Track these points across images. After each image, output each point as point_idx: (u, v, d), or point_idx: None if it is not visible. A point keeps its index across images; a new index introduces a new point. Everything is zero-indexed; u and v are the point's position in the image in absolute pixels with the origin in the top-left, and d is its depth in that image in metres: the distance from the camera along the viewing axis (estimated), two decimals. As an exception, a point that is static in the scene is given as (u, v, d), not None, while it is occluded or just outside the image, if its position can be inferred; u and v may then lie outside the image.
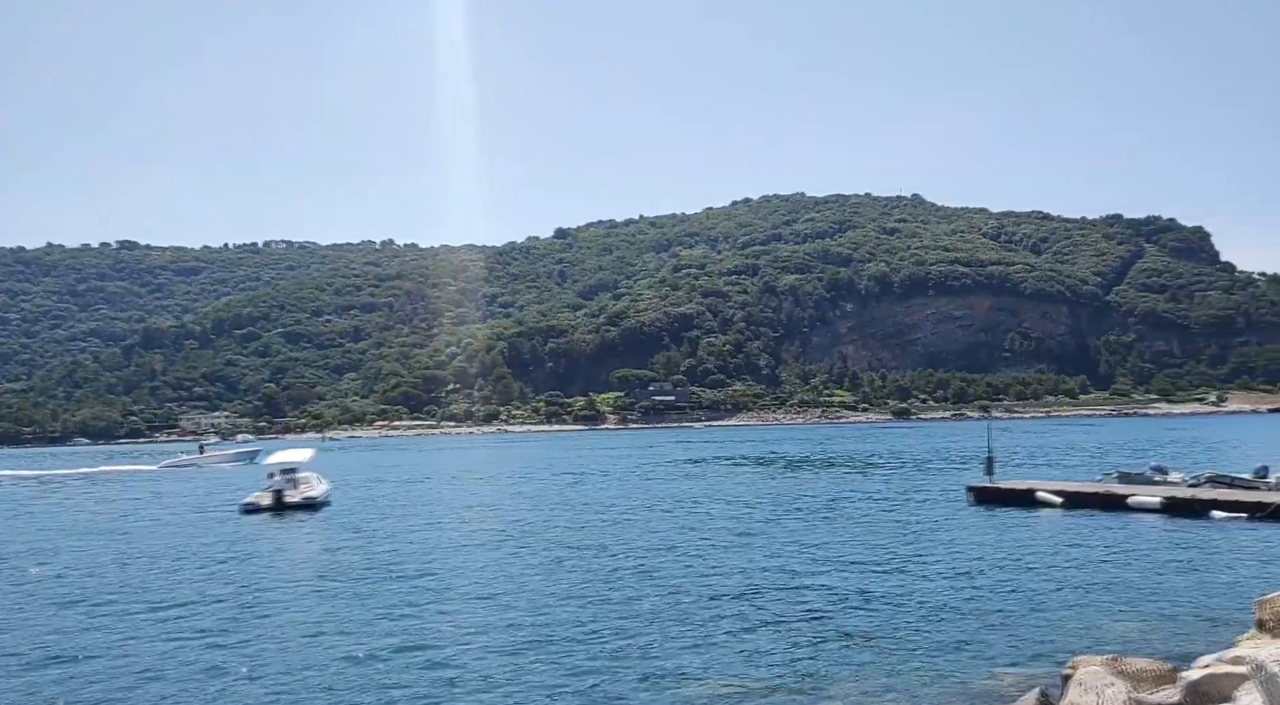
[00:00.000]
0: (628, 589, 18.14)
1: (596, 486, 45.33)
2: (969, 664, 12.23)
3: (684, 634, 14.30)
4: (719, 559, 21.65)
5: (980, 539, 23.72)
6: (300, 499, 36.88)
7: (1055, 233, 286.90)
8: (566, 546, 24.49)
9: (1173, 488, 29.28)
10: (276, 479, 37.84)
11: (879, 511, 30.79)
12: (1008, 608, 15.50)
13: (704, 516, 30.89)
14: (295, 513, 35.61)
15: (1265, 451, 56.17)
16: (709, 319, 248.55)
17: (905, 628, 14.29)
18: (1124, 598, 16.08)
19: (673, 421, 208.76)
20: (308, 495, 37.45)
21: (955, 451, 70.04)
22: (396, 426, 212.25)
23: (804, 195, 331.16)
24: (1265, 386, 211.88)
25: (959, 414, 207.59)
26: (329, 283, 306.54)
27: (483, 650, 13.81)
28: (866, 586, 17.64)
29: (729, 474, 52.66)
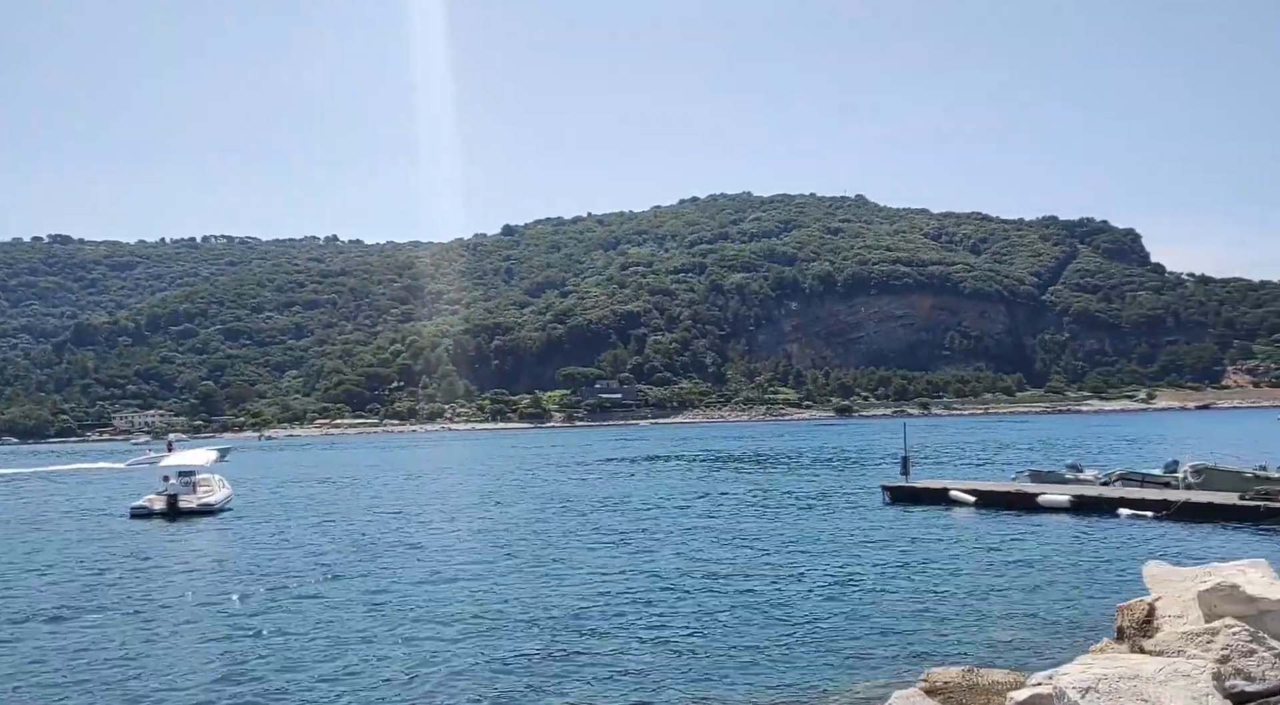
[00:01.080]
0: (514, 599, 17.92)
1: (510, 488, 44.96)
2: (835, 675, 12.07)
3: (536, 653, 13.83)
4: (599, 564, 21.59)
5: (888, 540, 24.03)
6: (196, 504, 35.23)
7: (994, 233, 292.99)
8: (449, 550, 24.24)
9: (1083, 486, 29.97)
10: (172, 483, 36.09)
11: (795, 511, 31.05)
12: (897, 612, 15.62)
13: (610, 519, 30.83)
14: (190, 518, 34.04)
15: (1185, 447, 58.04)
16: (656, 317, 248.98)
17: (787, 638, 14.14)
18: (1015, 600, 16.31)
19: (619, 419, 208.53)
20: (205, 500, 35.77)
21: (886, 449, 70.98)
22: (338, 425, 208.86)
23: (750, 195, 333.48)
24: (1192, 384, 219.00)
25: (900, 411, 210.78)
26: (270, 279, 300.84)
27: (342, 666, 13.45)
28: (757, 592, 17.59)
29: (654, 473, 52.71)
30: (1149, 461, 40.63)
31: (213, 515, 34.99)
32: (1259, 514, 24.04)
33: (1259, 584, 8.23)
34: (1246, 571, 8.45)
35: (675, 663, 13.00)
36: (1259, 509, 24.11)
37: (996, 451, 64.34)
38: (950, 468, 47.51)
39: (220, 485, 38.91)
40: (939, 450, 67.82)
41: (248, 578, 20.99)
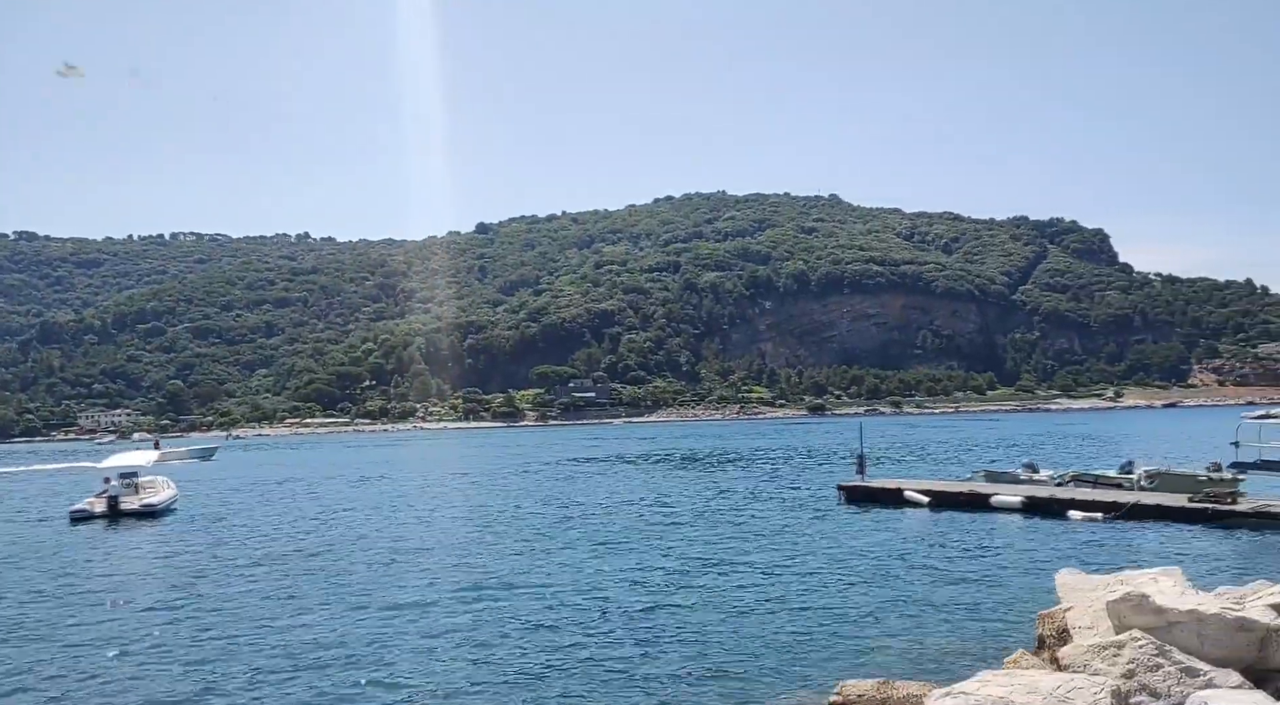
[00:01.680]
0: (442, 606, 17.45)
1: (462, 490, 44.36)
2: (747, 688, 11.68)
3: (449, 666, 13.37)
4: (533, 568, 21.16)
5: (835, 542, 23.74)
6: (139, 506, 34.25)
7: (965, 233, 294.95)
8: (386, 558, 23.69)
9: (1035, 487, 29.86)
10: (113, 484, 35.05)
11: (747, 513, 30.71)
12: (829, 619, 15.25)
13: (556, 523, 30.38)
14: (132, 521, 33.10)
15: (1145, 447, 58.41)
16: (630, 316, 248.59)
17: (705, 650, 13.67)
18: (949, 606, 15.99)
19: (593, 418, 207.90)
20: (147, 502, 34.76)
21: (852, 448, 70.89)
22: (308, 424, 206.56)
23: (725, 194, 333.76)
24: (1159, 383, 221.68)
25: (872, 410, 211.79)
26: (240, 276, 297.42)
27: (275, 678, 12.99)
28: (680, 604, 17.10)
29: (613, 473, 52.26)
30: (1109, 462, 40.70)
31: (155, 518, 34.01)
32: (1207, 516, 23.99)
33: (1169, 594, 7.93)
34: (1158, 580, 8.16)
35: (572, 674, 12.60)
36: (1206, 511, 24.06)
37: (962, 451, 64.36)
38: (914, 466, 47.38)
39: (165, 486, 37.88)
40: (905, 449, 67.88)
41: (177, 584, 20.32)
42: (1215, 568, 18.40)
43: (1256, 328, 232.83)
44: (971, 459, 54.35)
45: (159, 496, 35.98)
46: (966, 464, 48.81)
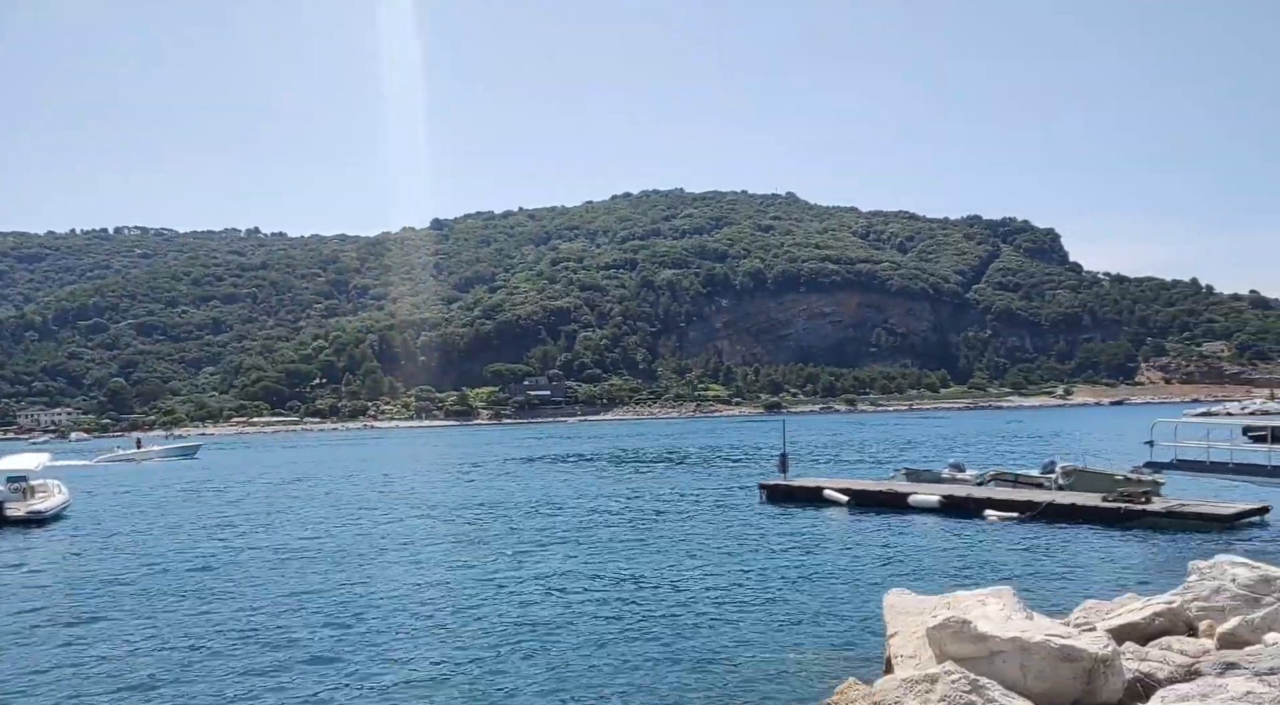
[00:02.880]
0: (341, 612, 16.17)
1: (388, 491, 42.87)
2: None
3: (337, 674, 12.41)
4: (423, 572, 19.93)
5: (749, 543, 22.77)
6: (25, 512, 32.29)
7: (920, 232, 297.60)
8: (282, 568, 22.29)
9: (954, 486, 29.22)
10: (1, 489, 33.07)
11: (670, 511, 29.74)
12: (696, 635, 14.09)
13: (468, 525, 29.14)
14: (17, 527, 31.23)
15: (1091, 444, 58.52)
16: (586, 313, 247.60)
17: (539, 672, 12.65)
18: (824, 620, 14.82)
19: (548, 417, 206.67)
20: (35, 508, 32.84)
21: (795, 444, 70.37)
22: (255, 423, 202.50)
23: (683, 191, 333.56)
24: (1107, 381, 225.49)
25: (827, 407, 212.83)
26: (186, 272, 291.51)
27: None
28: (536, 618, 15.94)
29: (547, 473, 51.06)
30: (1042, 460, 40.33)
31: (43, 524, 32.16)
32: (1120, 515, 23.41)
33: (994, 619, 6.89)
34: (987, 602, 7.15)
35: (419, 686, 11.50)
36: (1120, 511, 23.48)
37: (906, 449, 64.01)
38: (849, 465, 46.74)
39: (57, 491, 35.89)
40: (848, 447, 67.47)
41: (53, 595, 18.81)
42: (1119, 571, 17.68)
43: (1201, 327, 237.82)
44: (911, 457, 53.90)
45: (49, 502, 33.99)
46: (906, 462, 48.28)
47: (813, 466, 48.97)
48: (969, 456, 38.82)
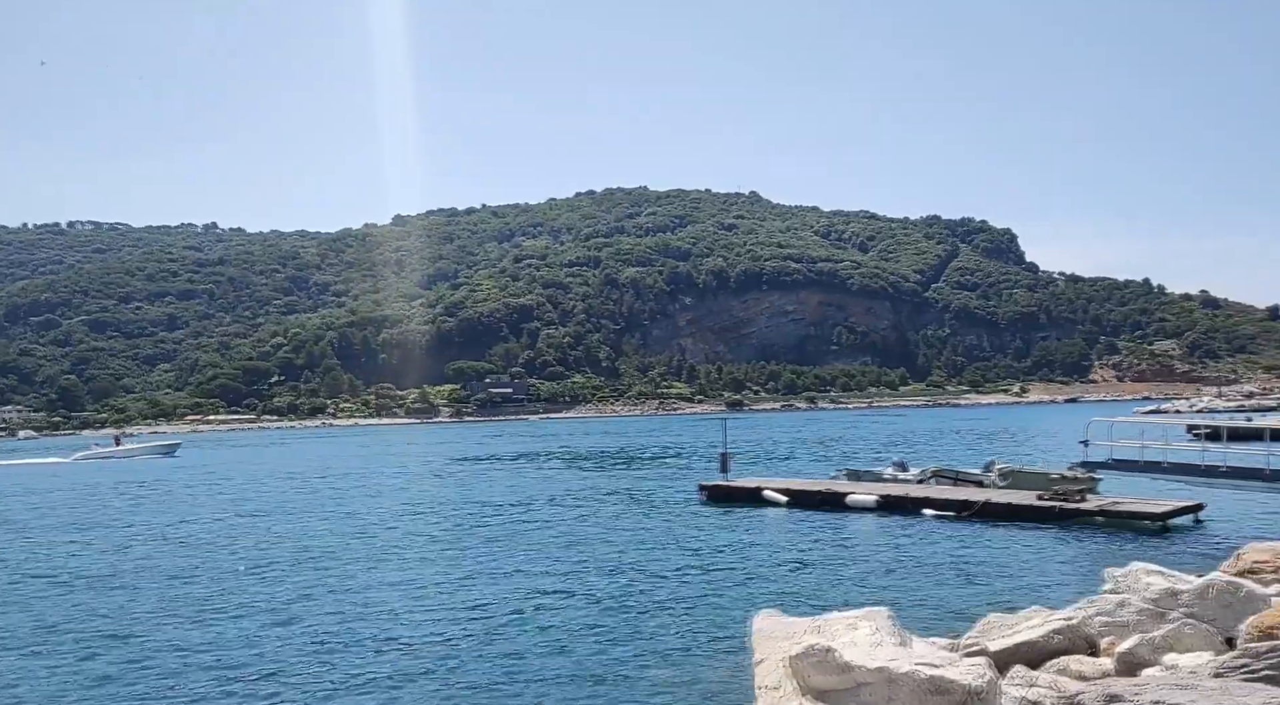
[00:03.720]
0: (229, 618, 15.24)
1: (319, 490, 41.76)
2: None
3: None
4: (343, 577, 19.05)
5: (676, 547, 22.12)
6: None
7: (881, 232, 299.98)
8: (183, 578, 21.25)
9: (892, 485, 28.88)
10: None
11: (605, 514, 29.04)
12: (592, 657, 13.38)
13: (396, 527, 28.23)
14: None
15: (1040, 441, 58.79)
16: (549, 310, 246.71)
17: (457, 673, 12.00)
18: (718, 631, 14.22)
19: (510, 414, 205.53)
20: None
21: (748, 442, 70.06)
22: (210, 421, 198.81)
23: (646, 189, 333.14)
24: (1062, 379, 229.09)
25: (788, 405, 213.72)
26: (141, 267, 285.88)
27: None
28: (461, 626, 15.20)
29: (493, 472, 50.17)
30: (1006, 454, 40.25)
31: None
32: (1054, 514, 23.14)
33: (860, 647, 6.25)
34: (858, 625, 6.52)
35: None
36: (1054, 510, 23.21)
37: (861, 446, 63.86)
38: (796, 463, 46.35)
39: None
40: (800, 445, 67.25)
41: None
42: (1046, 572, 17.30)
43: (1153, 325, 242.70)
44: (864, 454, 53.68)
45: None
46: (859, 460, 48.02)
47: (765, 465, 48.61)
48: (921, 453, 38.56)
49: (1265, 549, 10.91)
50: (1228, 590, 8.10)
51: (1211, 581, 8.24)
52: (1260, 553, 10.86)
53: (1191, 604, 8.12)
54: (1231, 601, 8.02)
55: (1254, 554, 10.86)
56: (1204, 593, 8.13)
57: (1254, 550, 10.94)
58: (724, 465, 32.31)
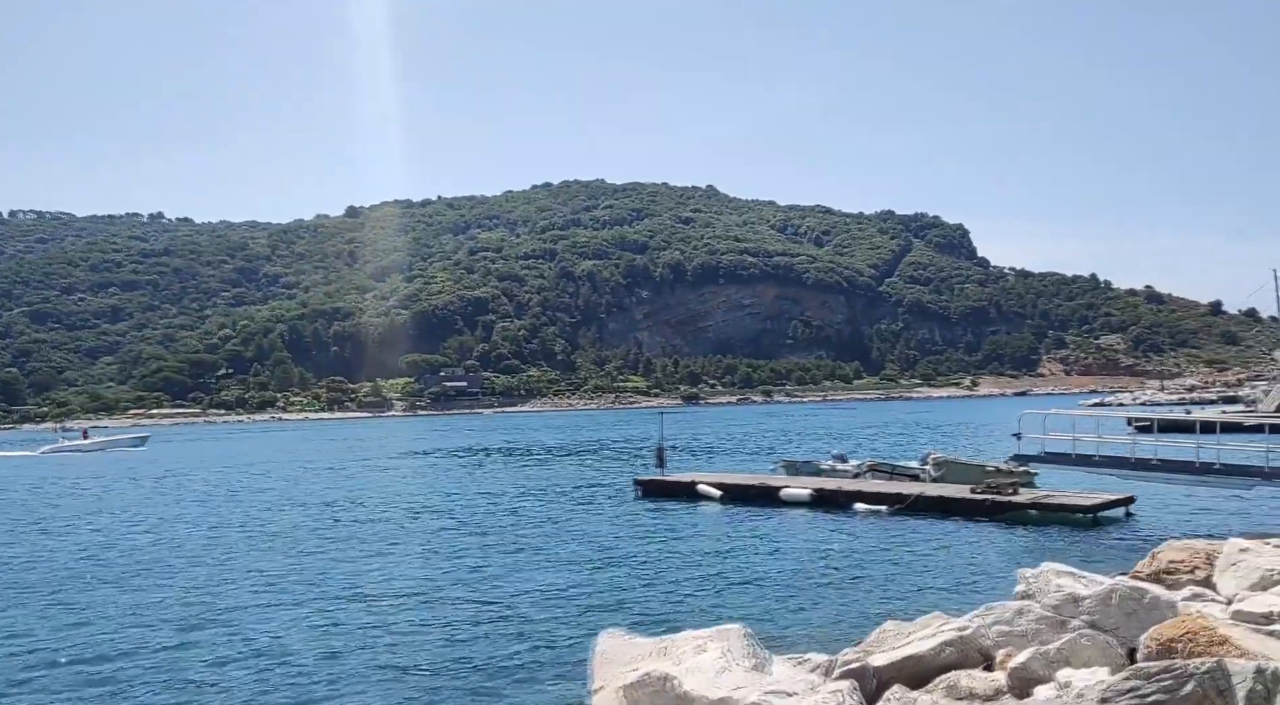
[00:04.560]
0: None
1: (241, 489, 40.33)
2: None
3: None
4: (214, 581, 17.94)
5: (598, 544, 21.29)
6: None
7: (836, 226, 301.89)
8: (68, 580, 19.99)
9: (826, 479, 28.34)
10: None
11: (535, 511, 28.11)
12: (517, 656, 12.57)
13: (318, 527, 27.06)
14: None
15: (985, 433, 58.93)
16: (504, 303, 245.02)
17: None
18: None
19: (465, 408, 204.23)
20: None
21: (688, 438, 69.48)
22: (153, 415, 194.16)
23: (604, 182, 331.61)
24: (1011, 372, 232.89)
25: (744, 398, 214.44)
26: (84, 258, 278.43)
27: None
28: (351, 632, 14.26)
29: (425, 467, 48.99)
30: (950, 446, 40.05)
31: None
32: (987, 508, 22.73)
33: (704, 674, 5.43)
34: (707, 646, 5.72)
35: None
36: (986, 503, 22.80)
37: (808, 439, 63.58)
38: (746, 458, 45.80)
39: None
40: (746, 438, 66.88)
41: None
42: (972, 569, 16.74)
43: (1099, 320, 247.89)
44: (812, 447, 53.25)
45: None
46: (805, 452, 47.55)
47: (711, 458, 48.03)
48: (869, 446, 38.01)
49: (1182, 548, 10.35)
50: (1131, 596, 7.44)
51: (1114, 587, 7.58)
52: (1177, 551, 10.30)
53: (1094, 611, 7.46)
54: (1135, 609, 7.37)
55: (1170, 553, 10.30)
56: (1107, 599, 7.47)
57: (1170, 549, 10.37)
58: (660, 460, 31.55)
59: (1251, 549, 9.20)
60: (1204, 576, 9.76)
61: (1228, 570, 9.14)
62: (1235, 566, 9.07)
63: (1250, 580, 8.75)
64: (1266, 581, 8.64)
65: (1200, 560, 9.97)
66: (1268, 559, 8.89)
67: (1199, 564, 9.93)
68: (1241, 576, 8.87)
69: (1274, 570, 8.69)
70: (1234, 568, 9.06)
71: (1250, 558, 9.03)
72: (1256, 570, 8.81)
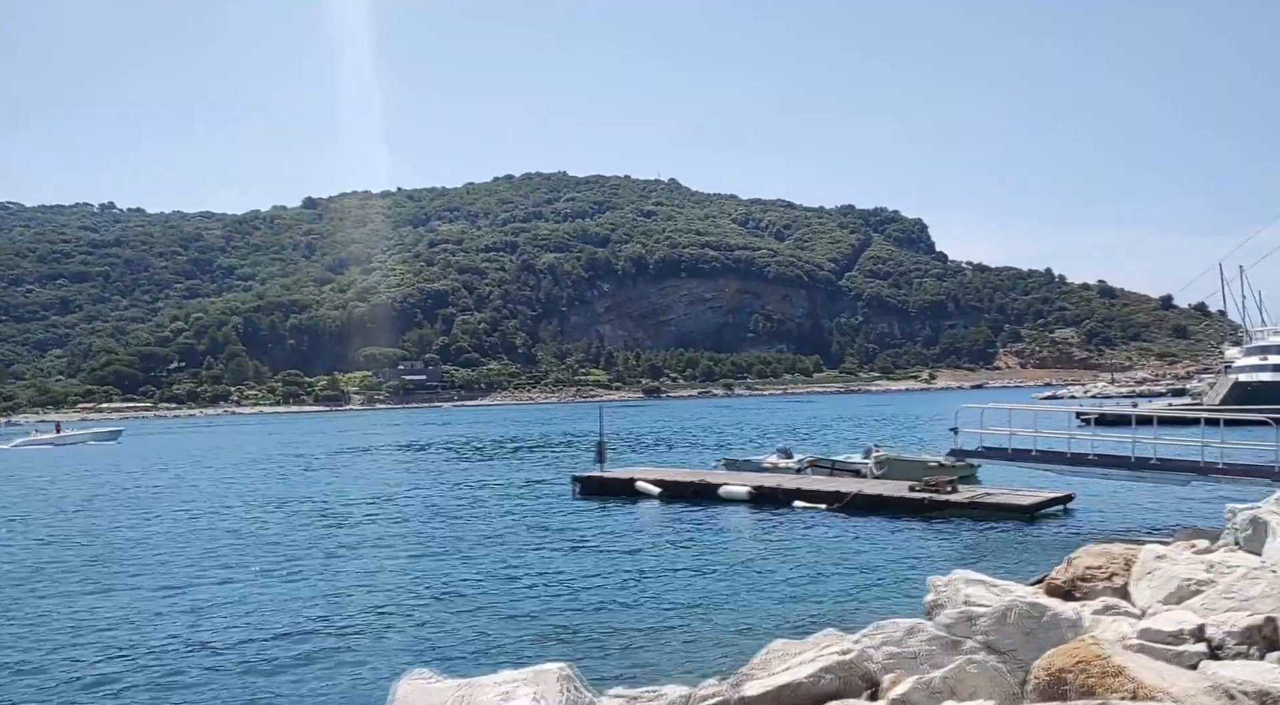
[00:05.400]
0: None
1: (159, 486, 38.95)
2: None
3: None
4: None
5: (522, 548, 20.40)
6: None
7: (797, 220, 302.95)
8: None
9: (765, 475, 27.71)
10: None
11: (467, 510, 27.12)
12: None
13: (238, 526, 25.91)
14: None
15: (936, 427, 58.76)
16: (465, 296, 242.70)
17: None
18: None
19: (423, 402, 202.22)
20: None
21: (643, 432, 68.83)
22: (102, 409, 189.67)
23: (566, 174, 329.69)
24: (969, 366, 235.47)
25: (705, 391, 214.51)
26: (32, 248, 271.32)
27: None
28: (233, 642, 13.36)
29: (359, 463, 47.69)
30: (902, 439, 39.67)
31: None
32: (924, 506, 22.20)
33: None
34: (517, 692, 4.92)
35: None
36: (924, 501, 22.27)
37: (764, 434, 63.02)
38: (683, 452, 45.16)
39: None
40: (704, 432, 66.34)
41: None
42: (895, 575, 16.13)
43: (1054, 314, 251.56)
44: (764, 441, 52.76)
45: None
46: (754, 447, 47.03)
47: (663, 454, 47.35)
48: (820, 440, 37.31)
49: (1100, 552, 9.77)
50: (1029, 614, 6.76)
51: (1011, 604, 6.89)
52: (1094, 557, 9.72)
53: (989, 631, 6.76)
54: (1034, 628, 6.69)
55: (1087, 558, 9.72)
56: (1003, 617, 6.78)
57: (1088, 554, 9.80)
58: (600, 455, 30.58)
59: (1168, 556, 8.63)
60: (1122, 583, 9.19)
61: (1143, 579, 8.56)
62: (1150, 575, 8.49)
63: (1166, 591, 8.17)
64: (1183, 592, 8.06)
65: (1118, 566, 9.40)
66: (1184, 567, 8.32)
67: (1117, 570, 9.36)
68: (1157, 586, 8.29)
69: (1190, 580, 8.12)
70: (1149, 577, 8.49)
71: (1166, 566, 8.45)
72: (1172, 579, 8.23)
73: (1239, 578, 7.61)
